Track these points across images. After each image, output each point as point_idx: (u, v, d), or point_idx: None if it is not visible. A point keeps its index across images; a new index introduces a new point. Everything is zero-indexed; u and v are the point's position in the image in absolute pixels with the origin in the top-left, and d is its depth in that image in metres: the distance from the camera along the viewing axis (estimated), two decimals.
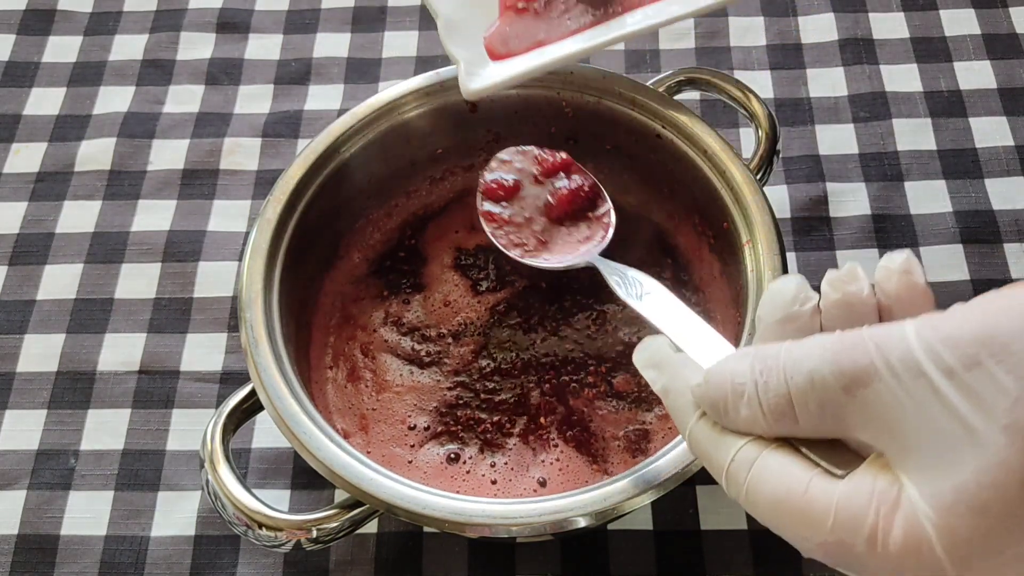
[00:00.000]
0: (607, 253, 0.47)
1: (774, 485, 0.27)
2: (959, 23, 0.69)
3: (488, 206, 0.49)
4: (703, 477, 0.51)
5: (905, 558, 0.24)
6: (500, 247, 0.48)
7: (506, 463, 0.49)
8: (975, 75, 0.66)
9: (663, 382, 0.32)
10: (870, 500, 0.25)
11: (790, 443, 0.28)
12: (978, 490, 0.23)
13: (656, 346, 0.34)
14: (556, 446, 0.49)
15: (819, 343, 0.27)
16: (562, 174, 0.50)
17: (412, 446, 0.50)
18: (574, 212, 0.49)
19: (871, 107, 0.65)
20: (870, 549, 0.24)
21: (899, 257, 0.30)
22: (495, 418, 0.50)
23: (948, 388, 0.24)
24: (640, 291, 0.41)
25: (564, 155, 0.50)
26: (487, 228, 0.48)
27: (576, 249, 0.48)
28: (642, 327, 0.53)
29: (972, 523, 0.23)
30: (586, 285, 0.54)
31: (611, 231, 0.48)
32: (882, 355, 0.25)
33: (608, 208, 0.49)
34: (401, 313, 0.54)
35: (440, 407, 0.51)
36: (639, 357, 0.34)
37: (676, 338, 0.35)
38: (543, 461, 0.49)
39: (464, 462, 0.49)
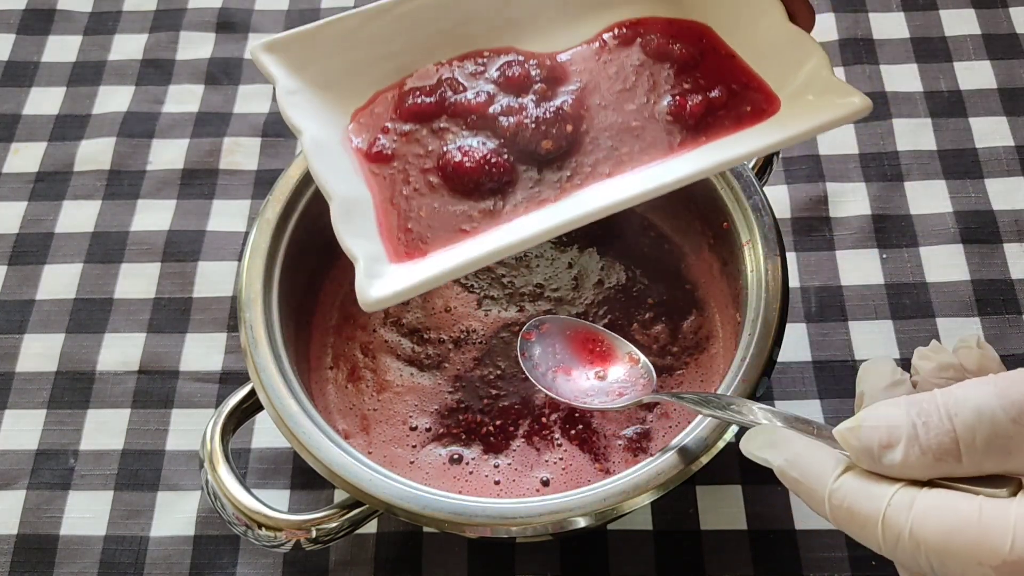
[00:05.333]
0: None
1: (941, 519, 0.27)
2: (959, 23, 0.69)
3: None
4: (703, 477, 0.51)
5: None
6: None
7: (510, 464, 0.49)
8: (975, 75, 0.66)
9: (785, 456, 0.32)
10: None
11: (941, 484, 0.29)
12: None
13: (768, 429, 0.34)
14: (560, 445, 0.49)
15: (978, 382, 0.28)
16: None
17: (414, 447, 0.50)
18: None
19: None
20: None
21: (973, 338, 0.35)
22: (497, 422, 0.50)
23: None
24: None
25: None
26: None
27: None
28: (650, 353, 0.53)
29: None
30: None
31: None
32: None
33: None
34: (400, 313, 0.54)
35: (441, 410, 0.51)
36: (753, 442, 0.34)
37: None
38: (547, 461, 0.49)
39: (467, 463, 0.49)
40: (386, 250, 0.37)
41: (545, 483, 0.48)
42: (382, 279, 0.35)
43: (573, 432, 0.49)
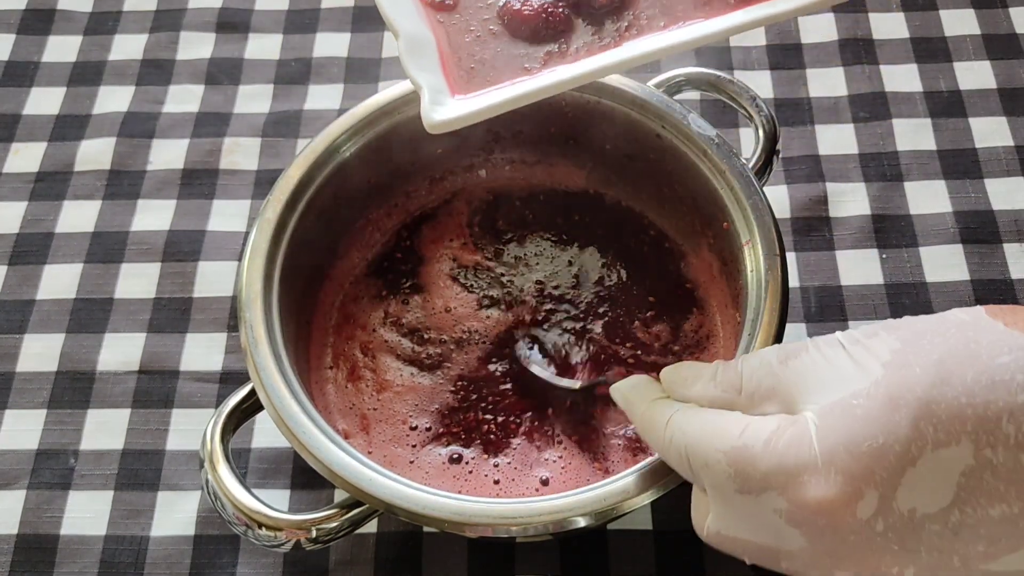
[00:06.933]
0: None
1: (704, 419, 0.35)
2: (959, 23, 0.69)
3: None
4: None
5: (787, 452, 0.31)
6: None
7: (509, 463, 0.49)
8: (975, 75, 0.66)
9: (631, 383, 0.41)
10: (775, 420, 0.33)
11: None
12: (852, 398, 0.31)
13: (637, 376, 0.42)
14: (560, 444, 0.49)
15: (769, 347, 0.37)
16: None
17: (414, 446, 0.50)
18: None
19: (871, 107, 0.65)
20: (765, 448, 0.32)
21: None
22: (498, 420, 0.50)
23: (852, 348, 0.33)
24: None
25: None
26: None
27: None
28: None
29: (843, 422, 0.31)
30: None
31: None
32: (813, 341, 0.34)
33: None
34: (400, 313, 0.54)
35: (441, 409, 0.51)
36: (623, 384, 0.41)
37: None
38: (547, 460, 0.49)
39: (467, 462, 0.49)
40: (449, 85, 0.40)
41: (545, 482, 0.48)
42: (445, 106, 0.39)
43: (573, 431, 0.50)
